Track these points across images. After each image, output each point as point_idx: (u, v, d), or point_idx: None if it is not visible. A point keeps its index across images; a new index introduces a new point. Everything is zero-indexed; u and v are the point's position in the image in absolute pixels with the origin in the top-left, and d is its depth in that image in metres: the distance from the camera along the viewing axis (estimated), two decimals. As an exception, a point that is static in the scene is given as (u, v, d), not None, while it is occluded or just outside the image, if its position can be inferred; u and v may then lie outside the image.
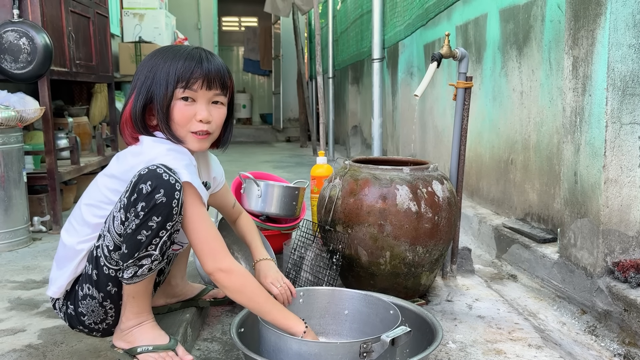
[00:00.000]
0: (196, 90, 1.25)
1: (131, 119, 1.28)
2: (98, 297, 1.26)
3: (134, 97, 1.28)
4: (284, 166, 5.61)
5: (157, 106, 1.25)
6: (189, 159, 1.26)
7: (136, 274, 1.20)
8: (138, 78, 1.29)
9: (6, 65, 2.55)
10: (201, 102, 1.27)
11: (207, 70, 1.25)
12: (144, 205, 1.15)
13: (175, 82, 1.24)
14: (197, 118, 1.26)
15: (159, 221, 1.16)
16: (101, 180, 1.29)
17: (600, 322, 1.72)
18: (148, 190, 1.15)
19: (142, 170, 1.18)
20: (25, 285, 1.95)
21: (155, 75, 1.25)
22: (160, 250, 1.19)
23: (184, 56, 1.26)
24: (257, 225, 1.95)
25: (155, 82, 1.25)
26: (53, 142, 2.76)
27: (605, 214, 1.72)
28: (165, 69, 1.25)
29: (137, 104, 1.26)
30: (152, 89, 1.25)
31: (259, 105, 11.32)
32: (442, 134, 3.51)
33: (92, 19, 3.49)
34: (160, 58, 1.27)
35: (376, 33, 3.33)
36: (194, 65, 1.25)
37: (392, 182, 1.69)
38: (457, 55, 1.95)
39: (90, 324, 1.29)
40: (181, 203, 1.18)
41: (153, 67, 1.26)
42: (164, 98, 1.24)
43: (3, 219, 2.42)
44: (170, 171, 1.18)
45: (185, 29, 8.69)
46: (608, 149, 1.70)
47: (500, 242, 2.44)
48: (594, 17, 1.73)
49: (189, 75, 1.24)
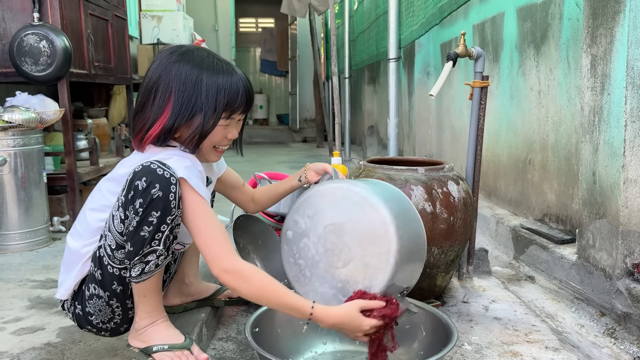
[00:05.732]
0: (235, 118, 1.31)
1: (159, 134, 1.25)
2: (104, 296, 1.27)
3: (172, 114, 1.24)
4: (300, 166, 5.57)
5: (199, 129, 1.25)
6: (191, 161, 1.26)
7: (144, 271, 1.20)
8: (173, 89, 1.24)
9: (27, 67, 2.60)
10: (233, 123, 1.32)
11: (249, 97, 1.30)
12: (142, 201, 1.16)
13: (222, 109, 1.26)
14: (229, 137, 1.32)
15: (158, 216, 1.16)
16: (104, 184, 1.31)
17: (620, 325, 1.69)
18: (144, 186, 1.16)
19: (137, 168, 1.19)
20: (45, 284, 1.98)
21: (200, 96, 1.24)
22: (164, 245, 1.20)
23: (225, 77, 1.26)
24: (272, 225, 1.96)
25: (201, 103, 1.24)
26: (72, 144, 2.80)
27: (625, 214, 1.69)
28: (213, 92, 1.25)
29: (178, 122, 1.24)
30: (196, 111, 1.24)
31: (275, 106, 11.35)
32: (459, 134, 3.49)
33: (110, 22, 3.53)
34: (199, 74, 1.24)
35: (392, 32, 3.32)
36: (240, 96, 1.28)
37: (406, 183, 1.68)
38: (473, 54, 1.94)
39: (98, 324, 1.31)
40: (178, 196, 1.18)
41: (196, 84, 1.24)
42: (211, 124, 1.26)
43: (24, 219, 2.46)
44: (165, 166, 1.18)
45: (203, 31, 8.75)
46: (627, 148, 1.67)
47: (518, 243, 2.41)
48: (612, 15, 1.70)
49: (236, 103, 1.28)
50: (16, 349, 1.43)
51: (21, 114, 2.42)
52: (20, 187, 2.45)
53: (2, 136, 2.39)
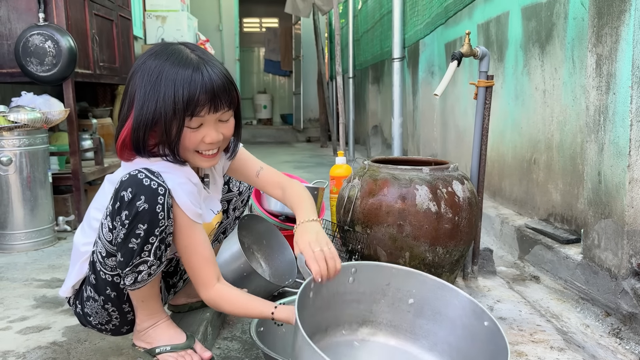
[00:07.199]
0: (204, 115, 1.15)
1: (131, 142, 1.17)
2: (99, 300, 1.26)
3: (135, 119, 1.15)
4: (304, 166, 5.62)
5: (164, 133, 1.14)
6: (185, 175, 1.20)
7: (137, 280, 1.19)
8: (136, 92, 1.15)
9: (32, 67, 2.61)
10: (209, 124, 1.17)
11: (212, 93, 1.13)
12: (127, 213, 1.12)
13: (183, 110, 1.12)
14: (206, 141, 1.18)
15: (145, 228, 1.13)
16: (107, 184, 1.29)
17: (625, 325, 1.69)
18: (129, 198, 1.12)
19: (124, 177, 1.15)
20: (50, 283, 1.99)
21: (159, 96, 1.12)
22: (155, 256, 1.17)
23: (184, 71, 1.12)
24: (276, 225, 1.96)
25: (158, 104, 1.12)
26: (77, 143, 2.81)
27: (630, 214, 1.68)
28: (169, 91, 1.11)
29: (141, 127, 1.14)
30: (157, 116, 1.13)
31: (279, 106, 11.36)
32: (463, 134, 3.48)
33: (115, 22, 3.54)
34: (160, 71, 1.13)
35: (396, 32, 3.32)
36: (199, 90, 1.12)
37: (411, 182, 1.68)
38: (478, 54, 1.94)
39: (97, 324, 1.31)
40: (167, 207, 1.14)
41: (155, 83, 1.13)
42: (172, 126, 1.14)
43: (29, 219, 2.47)
44: (153, 175, 1.14)
45: (207, 31, 8.77)
46: (633, 148, 1.66)
47: (523, 243, 2.41)
48: (618, 14, 1.70)
49: (195, 102, 1.12)
50: (22, 348, 1.44)
51: (27, 114, 2.44)
52: (26, 186, 2.46)
53: (8, 136, 2.40)
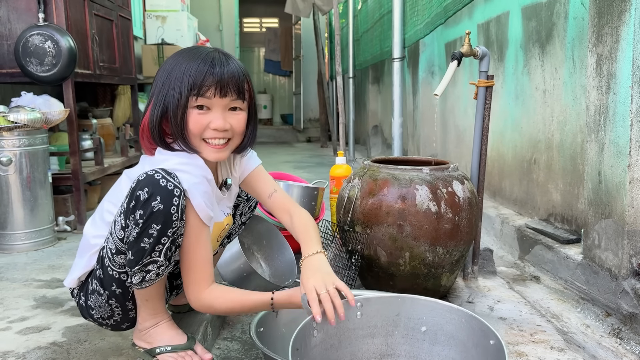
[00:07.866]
0: (210, 97, 1.18)
1: (149, 128, 1.23)
2: (104, 294, 1.27)
3: (152, 106, 1.22)
4: (305, 166, 5.62)
5: (171, 115, 1.20)
6: (202, 174, 1.22)
7: (144, 279, 1.19)
8: (156, 84, 1.23)
9: (32, 68, 2.61)
10: (216, 110, 1.20)
11: (219, 76, 1.18)
12: (142, 213, 1.13)
13: (188, 90, 1.17)
14: (212, 127, 1.20)
15: (158, 229, 1.14)
16: (124, 180, 1.30)
17: (626, 325, 1.69)
18: (145, 198, 1.13)
19: (141, 176, 1.16)
20: (50, 284, 1.99)
21: (170, 82, 1.19)
22: (165, 256, 1.18)
23: (197, 61, 1.18)
24: (276, 226, 1.96)
25: (169, 90, 1.19)
26: (77, 144, 2.81)
27: (631, 214, 1.68)
28: (179, 75, 1.18)
29: (155, 113, 1.21)
30: (167, 98, 1.20)
31: (279, 106, 11.36)
32: (463, 134, 3.48)
33: (115, 22, 3.54)
34: (175, 63, 1.21)
35: (396, 32, 3.31)
36: (206, 71, 1.17)
37: (411, 183, 1.68)
38: (478, 54, 1.93)
39: (98, 318, 1.31)
40: (182, 208, 1.15)
41: (169, 73, 1.20)
42: (178, 107, 1.18)
43: (29, 219, 2.47)
44: (170, 176, 1.15)
45: (207, 31, 8.77)
46: (633, 148, 1.66)
47: (523, 243, 2.41)
48: (618, 14, 1.69)
49: (200, 82, 1.17)
50: (22, 348, 1.44)
51: (26, 114, 2.43)
52: (26, 187, 2.46)
53: (8, 136, 2.40)
